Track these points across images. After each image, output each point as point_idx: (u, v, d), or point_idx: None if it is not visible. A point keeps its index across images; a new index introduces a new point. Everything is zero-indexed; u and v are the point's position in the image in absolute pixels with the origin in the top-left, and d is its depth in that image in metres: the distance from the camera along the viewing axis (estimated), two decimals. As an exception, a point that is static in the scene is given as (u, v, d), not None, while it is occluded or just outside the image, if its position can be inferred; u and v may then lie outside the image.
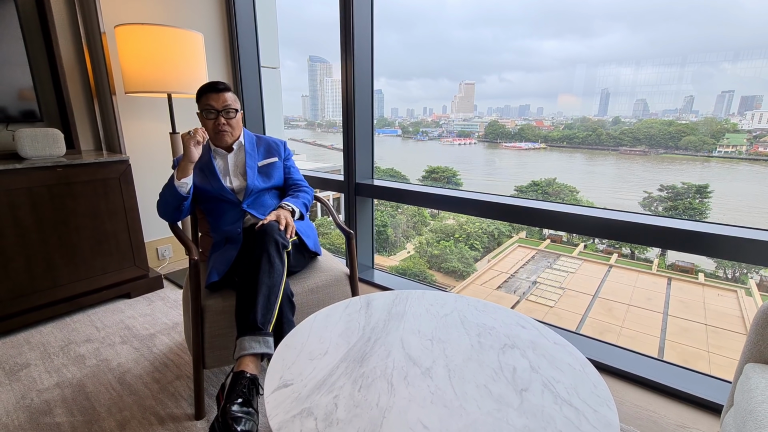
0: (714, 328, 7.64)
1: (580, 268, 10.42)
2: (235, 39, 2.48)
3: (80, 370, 1.48)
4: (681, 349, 7.21)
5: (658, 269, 10.22)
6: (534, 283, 9.81)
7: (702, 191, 11.99)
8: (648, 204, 12.80)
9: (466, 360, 0.80)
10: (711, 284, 9.26)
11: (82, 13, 1.98)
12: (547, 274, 10.19)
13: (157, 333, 1.73)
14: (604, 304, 8.78)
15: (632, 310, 8.46)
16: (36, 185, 1.69)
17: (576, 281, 9.77)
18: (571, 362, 0.80)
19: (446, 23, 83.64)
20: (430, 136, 21.64)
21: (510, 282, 9.96)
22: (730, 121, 16.56)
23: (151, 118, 2.30)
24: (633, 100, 21.03)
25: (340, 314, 0.99)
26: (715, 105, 19.23)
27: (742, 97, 17.97)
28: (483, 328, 0.93)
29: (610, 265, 10.42)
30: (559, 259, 10.94)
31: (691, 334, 7.60)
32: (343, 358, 0.81)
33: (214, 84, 1.37)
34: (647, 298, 8.92)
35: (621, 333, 7.74)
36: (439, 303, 1.05)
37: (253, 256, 1.12)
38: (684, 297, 8.93)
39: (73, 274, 1.85)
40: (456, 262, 10.91)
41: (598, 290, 9.30)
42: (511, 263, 10.74)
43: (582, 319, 8.25)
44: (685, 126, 16.79)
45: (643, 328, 7.89)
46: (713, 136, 15.81)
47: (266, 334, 1.03)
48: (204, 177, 1.39)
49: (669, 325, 7.93)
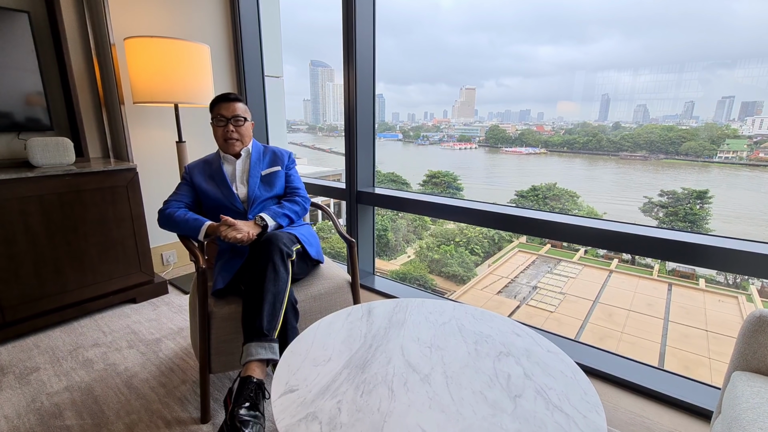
0: (715, 335, 7.63)
1: (580, 274, 10.43)
2: (240, 50, 2.54)
3: (88, 374, 1.52)
4: (682, 355, 7.21)
5: (658, 275, 10.22)
6: (534, 288, 9.81)
7: (702, 197, 12.00)
8: (648, 209, 12.83)
9: (463, 367, 0.84)
10: (712, 290, 9.25)
11: (92, 26, 2.04)
12: (548, 279, 10.20)
13: (163, 338, 1.77)
14: (604, 310, 8.77)
15: (633, 316, 8.45)
16: (47, 193, 1.74)
17: (576, 286, 9.77)
18: (563, 369, 0.83)
19: (442, 29, 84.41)
20: (431, 141, 21.74)
21: (510, 287, 9.97)
22: (731, 127, 16.61)
23: (158, 127, 2.35)
24: (633, 106, 21.13)
25: (342, 322, 1.03)
26: (715, 111, 19.30)
27: (743, 102, 18.03)
28: (480, 336, 0.97)
29: (610, 270, 10.43)
30: (560, 264, 10.95)
31: (692, 340, 7.59)
32: (345, 364, 0.85)
33: (226, 95, 1.45)
34: (648, 304, 8.92)
35: (622, 339, 7.74)
36: (438, 311, 1.09)
37: (258, 265, 1.17)
38: (685, 303, 8.93)
39: (81, 280, 1.89)
40: (456, 266, 10.94)
41: (598, 296, 9.30)
42: (512, 268, 10.76)
43: (582, 324, 8.25)
44: (686, 131, 16.84)
45: (643, 333, 7.88)
46: (714, 142, 15.85)
47: (272, 341, 1.07)
48: (214, 184, 1.44)
49: (670, 331, 7.92)
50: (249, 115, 1.50)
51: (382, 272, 2.32)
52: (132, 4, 2.14)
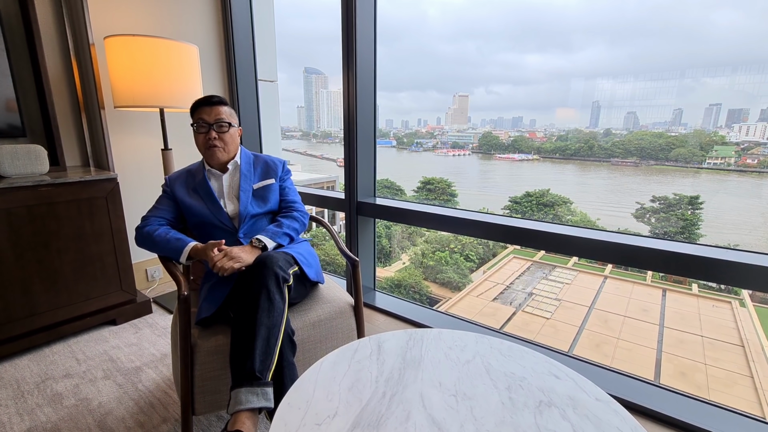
0: (710, 340, 7.61)
1: (575, 279, 10.40)
2: (232, 52, 2.40)
3: (56, 412, 1.34)
4: (678, 361, 7.16)
5: (652, 280, 10.22)
6: (530, 295, 9.74)
7: (693, 202, 12.10)
8: (641, 215, 12.88)
9: (498, 424, 0.70)
10: (705, 295, 9.27)
11: (70, 24, 1.88)
12: (543, 285, 10.14)
13: (144, 366, 1.60)
14: (600, 316, 8.72)
15: (628, 322, 8.41)
16: (14, 206, 1.56)
17: (572, 292, 9.72)
18: (619, 426, 0.70)
19: (430, 37, 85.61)
20: (425, 147, 21.72)
21: (506, 293, 9.88)
22: (718, 134, 16.87)
23: (143, 133, 2.19)
24: (623, 113, 21.42)
25: (348, 362, 0.89)
26: (703, 118, 19.62)
27: (729, 110, 18.36)
28: (512, 378, 0.83)
29: (605, 276, 10.41)
30: (555, 270, 10.90)
31: (688, 345, 7.56)
32: (355, 422, 0.71)
33: (208, 98, 1.28)
34: (643, 310, 8.90)
35: (618, 345, 7.68)
36: (459, 346, 0.95)
37: (251, 292, 1.01)
38: (679, 308, 8.93)
39: (54, 301, 1.72)
40: (451, 273, 10.82)
41: (593, 302, 9.26)
42: (507, 274, 10.68)
43: (578, 331, 8.18)
44: (675, 138, 17.07)
45: (639, 340, 7.83)
46: (702, 148, 16.08)
47: (265, 384, 0.91)
48: (199, 198, 1.29)
49: (665, 336, 7.88)
50: (235, 120, 1.33)
51: (378, 279, 2.18)
52: (113, 1, 1.99)
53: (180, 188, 1.30)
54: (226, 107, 1.30)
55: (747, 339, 7.56)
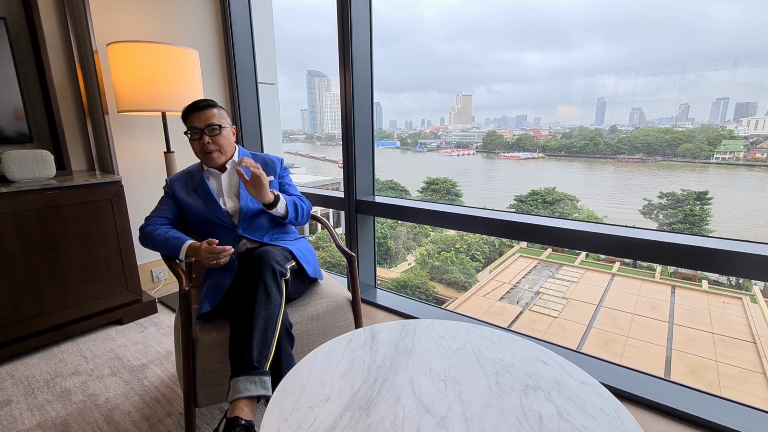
0: (721, 337, 7.50)
1: (582, 278, 10.31)
2: (232, 55, 2.45)
3: (65, 408, 1.38)
4: (689, 359, 7.07)
5: (661, 277, 10.10)
6: (537, 294, 9.68)
7: (702, 198, 11.94)
8: (648, 212, 12.75)
9: (485, 406, 0.72)
10: (715, 291, 9.14)
11: (74, 32, 1.94)
12: (550, 284, 10.07)
13: (149, 363, 1.64)
14: (608, 314, 8.64)
15: (637, 320, 8.32)
16: (23, 209, 1.62)
17: (579, 291, 9.64)
18: (602, 406, 0.71)
19: (427, 37, 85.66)
20: (429, 148, 21.73)
21: (512, 293, 9.83)
22: (726, 128, 16.64)
23: (146, 137, 2.24)
24: (628, 109, 21.22)
25: (342, 350, 0.91)
26: (710, 112, 19.38)
27: (737, 104, 18.10)
28: (500, 364, 0.85)
29: (612, 273, 10.31)
30: (562, 269, 10.82)
31: (698, 343, 7.46)
32: (347, 405, 0.73)
33: (196, 103, 1.29)
34: (652, 307, 8.79)
35: (627, 343, 7.60)
36: (451, 335, 0.97)
37: (248, 285, 1.04)
38: (689, 305, 8.81)
39: (62, 301, 1.76)
40: (457, 273, 10.79)
41: (601, 299, 9.17)
42: (513, 273, 10.62)
43: (587, 329, 8.11)
44: (682, 133, 16.86)
45: (649, 337, 7.75)
46: (710, 143, 15.86)
47: (263, 374, 0.94)
48: (198, 198, 1.32)
49: (675, 334, 7.79)
50: (226, 120, 1.34)
51: (383, 280, 2.19)
52: (115, 9, 2.04)
53: (180, 189, 1.33)
54: (215, 109, 1.30)
55: (759, 335, 7.43)
